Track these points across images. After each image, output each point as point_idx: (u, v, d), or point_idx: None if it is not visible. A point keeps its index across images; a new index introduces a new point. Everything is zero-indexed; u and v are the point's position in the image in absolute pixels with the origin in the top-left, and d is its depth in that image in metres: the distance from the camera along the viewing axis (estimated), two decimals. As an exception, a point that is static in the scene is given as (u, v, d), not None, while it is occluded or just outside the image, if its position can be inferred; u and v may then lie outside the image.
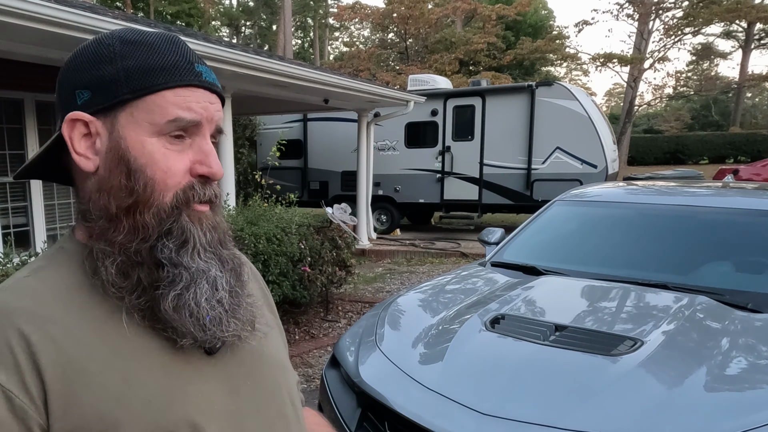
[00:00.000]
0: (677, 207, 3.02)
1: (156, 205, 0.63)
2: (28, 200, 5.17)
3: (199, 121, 0.65)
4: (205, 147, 0.66)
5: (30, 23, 3.40)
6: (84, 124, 0.65)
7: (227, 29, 41.01)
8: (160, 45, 0.66)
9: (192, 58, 0.67)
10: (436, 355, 2.04)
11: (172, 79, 0.64)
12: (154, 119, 0.63)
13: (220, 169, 0.67)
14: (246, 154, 11.91)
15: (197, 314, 0.62)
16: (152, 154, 0.63)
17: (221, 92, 0.70)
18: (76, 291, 0.64)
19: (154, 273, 0.63)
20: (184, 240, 0.64)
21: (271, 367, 0.75)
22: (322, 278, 4.95)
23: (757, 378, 1.78)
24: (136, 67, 0.63)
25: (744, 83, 29.14)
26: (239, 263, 0.71)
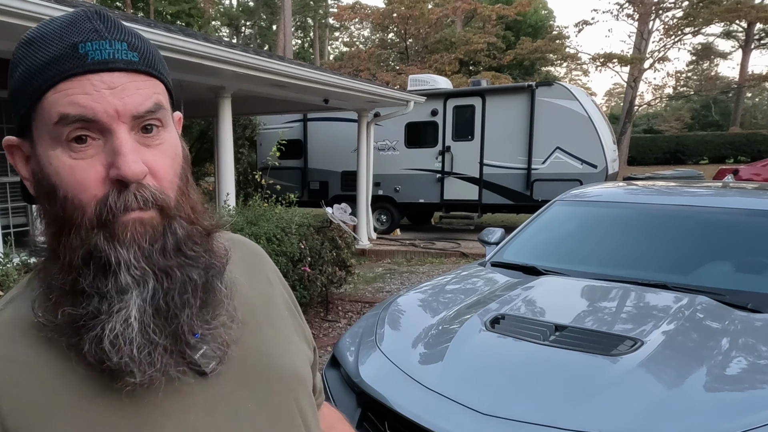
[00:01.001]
0: (677, 207, 3.02)
1: (76, 226, 0.54)
2: (28, 200, 5.16)
3: (90, 117, 0.53)
4: (114, 144, 0.54)
5: (30, 23, 3.39)
6: (18, 148, 0.59)
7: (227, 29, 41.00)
8: (51, 34, 0.55)
9: (78, 37, 0.54)
10: (436, 355, 2.04)
11: (52, 75, 0.53)
12: (48, 127, 0.54)
13: (136, 169, 0.53)
14: (246, 154, 11.93)
15: (116, 351, 0.53)
16: (58, 170, 0.54)
17: (134, 66, 0.56)
18: (39, 327, 0.57)
19: (77, 305, 0.54)
20: (103, 263, 0.54)
21: (278, 382, 0.67)
22: (322, 278, 4.95)
23: (757, 378, 1.78)
24: (26, 72, 0.55)
25: (744, 83, 29.14)
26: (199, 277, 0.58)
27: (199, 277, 0.58)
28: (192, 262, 0.58)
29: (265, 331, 0.69)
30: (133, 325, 0.53)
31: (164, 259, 0.56)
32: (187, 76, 5.10)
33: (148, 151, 0.56)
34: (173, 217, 0.58)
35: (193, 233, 0.59)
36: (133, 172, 0.53)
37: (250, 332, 0.66)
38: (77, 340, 0.54)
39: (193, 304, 0.57)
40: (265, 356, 0.67)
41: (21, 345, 0.56)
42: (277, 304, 0.76)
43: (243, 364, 0.63)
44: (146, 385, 0.55)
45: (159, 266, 0.55)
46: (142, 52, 0.57)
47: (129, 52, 0.56)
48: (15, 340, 0.57)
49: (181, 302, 0.56)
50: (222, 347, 0.60)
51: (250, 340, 0.65)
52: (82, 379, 0.56)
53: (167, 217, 0.57)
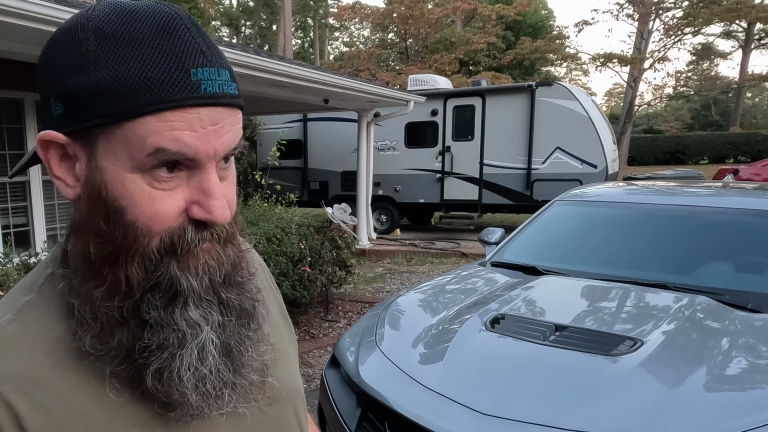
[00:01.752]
0: (677, 207, 3.02)
1: (140, 253, 0.51)
2: (28, 200, 5.16)
3: (192, 156, 0.49)
4: (205, 184, 0.51)
5: (30, 23, 3.40)
6: (59, 146, 0.52)
7: (227, 29, 41.01)
8: (146, 39, 0.48)
9: (189, 60, 0.49)
10: (436, 355, 2.04)
11: (157, 98, 0.47)
12: (132, 152, 0.49)
13: (224, 213, 0.52)
14: (246, 154, 11.92)
15: (183, 388, 0.52)
16: (133, 195, 0.50)
17: (235, 101, 0.52)
18: (65, 344, 0.53)
19: (138, 335, 0.52)
20: (174, 293, 0.52)
21: (284, 400, 0.67)
22: (322, 278, 4.95)
23: (757, 378, 1.79)
24: (110, 82, 0.47)
25: (744, 83, 29.13)
26: (250, 306, 0.57)
27: (250, 306, 0.57)
28: (244, 291, 0.57)
29: (277, 350, 0.68)
30: (210, 362, 0.52)
31: (226, 291, 0.55)
32: (187, 76, 5.09)
33: (224, 185, 0.54)
34: (228, 243, 0.56)
35: (239, 257, 0.57)
36: (224, 218, 0.52)
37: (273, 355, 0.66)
38: (128, 368, 0.52)
39: (252, 338, 0.57)
40: (279, 378, 0.66)
41: (46, 366, 0.52)
42: (274, 314, 0.74)
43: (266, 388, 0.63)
44: (198, 417, 0.54)
45: (223, 299, 0.54)
46: (236, 81, 0.54)
47: (231, 83, 0.52)
48: (40, 362, 0.52)
49: (241, 337, 0.56)
50: (261, 374, 0.60)
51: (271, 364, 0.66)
52: (114, 406, 0.53)
53: (224, 244, 0.55)
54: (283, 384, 0.66)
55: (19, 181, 5.08)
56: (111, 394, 0.53)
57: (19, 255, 3.55)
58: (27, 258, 3.49)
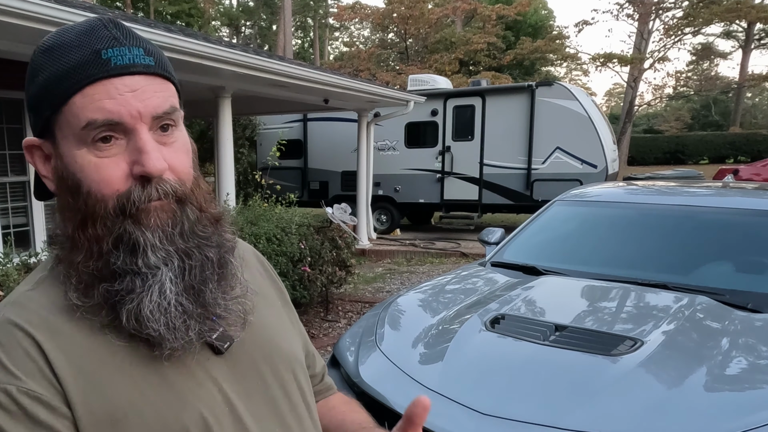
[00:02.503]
0: (677, 207, 3.02)
1: (101, 217, 0.60)
2: (28, 200, 5.17)
3: (117, 120, 0.59)
4: (138, 144, 0.59)
5: (30, 23, 3.40)
6: (38, 148, 0.64)
7: (227, 29, 41.00)
8: (71, 42, 0.60)
9: (100, 44, 0.59)
10: (436, 355, 2.04)
11: (78, 79, 0.58)
12: (73, 130, 0.60)
13: (158, 165, 0.60)
14: (246, 154, 11.92)
15: (156, 322, 0.59)
16: (83, 168, 0.60)
17: (151, 69, 0.62)
18: (73, 307, 0.62)
19: (112, 284, 0.60)
20: (133, 244, 0.60)
21: (282, 362, 0.73)
22: (322, 278, 4.95)
23: (757, 378, 1.79)
24: (49, 78, 0.60)
25: (744, 83, 29.12)
26: (214, 255, 0.65)
27: (215, 254, 0.65)
28: (206, 242, 0.65)
29: (264, 315, 0.74)
30: (169, 296, 0.60)
31: (183, 241, 0.63)
32: (187, 76, 5.10)
33: (166, 148, 0.62)
34: (186, 204, 0.64)
35: (202, 218, 0.66)
36: (156, 168, 0.60)
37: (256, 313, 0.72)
38: (112, 318, 0.61)
39: (213, 279, 0.65)
40: (268, 338, 0.73)
41: (61, 320, 0.61)
42: (271, 294, 0.82)
43: (251, 345, 0.69)
44: (180, 353, 0.61)
45: (180, 248, 0.62)
46: (156, 56, 0.63)
47: (146, 56, 0.62)
48: (55, 316, 0.61)
49: (202, 278, 0.64)
50: (241, 316, 0.68)
51: (255, 321, 0.71)
52: (119, 350, 0.61)
53: (182, 204, 0.64)
54: (282, 348, 0.74)
55: (19, 181, 5.08)
56: (112, 339, 0.61)
57: (19, 255, 3.55)
58: (27, 258, 3.48)
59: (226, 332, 0.66)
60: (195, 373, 0.63)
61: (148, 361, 0.61)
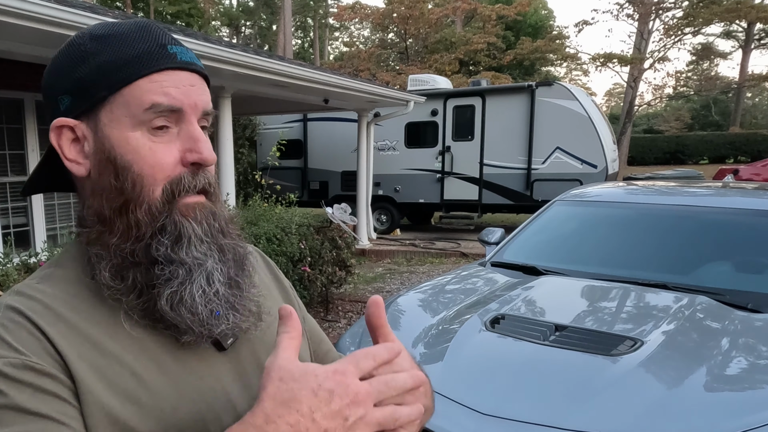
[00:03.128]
0: (677, 207, 3.02)
1: (147, 202, 0.62)
2: (28, 200, 5.16)
3: (179, 107, 0.62)
4: (193, 133, 0.63)
5: (30, 23, 3.40)
6: (70, 130, 0.64)
7: (227, 29, 41.00)
8: (131, 34, 0.63)
9: (164, 40, 0.64)
10: (436, 355, 2.04)
11: (146, 66, 0.61)
12: (132, 111, 0.61)
13: (212, 155, 0.64)
14: (246, 154, 11.91)
15: (194, 309, 0.61)
16: (137, 150, 0.61)
17: (202, 70, 0.67)
18: (81, 296, 0.63)
19: (151, 272, 0.62)
20: (179, 235, 0.62)
21: None
22: (322, 278, 4.95)
23: (757, 378, 1.79)
24: (109, 62, 0.62)
25: (744, 83, 29.12)
26: (242, 253, 0.69)
27: (242, 252, 0.69)
28: (235, 241, 0.69)
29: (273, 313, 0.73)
30: (216, 285, 0.63)
31: (221, 237, 0.66)
32: (187, 76, 5.09)
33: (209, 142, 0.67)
34: (216, 202, 0.68)
35: (229, 216, 0.69)
36: (212, 156, 0.64)
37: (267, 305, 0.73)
38: (141, 302, 0.62)
39: (246, 275, 0.68)
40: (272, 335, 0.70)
41: (66, 309, 0.62)
42: (275, 294, 0.82)
43: (257, 343, 0.70)
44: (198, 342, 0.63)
45: (218, 243, 0.65)
46: (200, 62, 0.69)
47: (198, 60, 0.68)
48: (60, 305, 0.62)
49: (238, 272, 0.67)
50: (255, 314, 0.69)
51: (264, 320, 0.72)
52: (126, 339, 0.62)
53: (214, 200, 0.67)
54: None
55: (19, 181, 5.08)
56: (125, 325, 0.62)
57: (19, 255, 3.55)
58: (27, 258, 3.48)
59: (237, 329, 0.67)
60: (196, 369, 0.64)
61: (153, 354, 0.62)
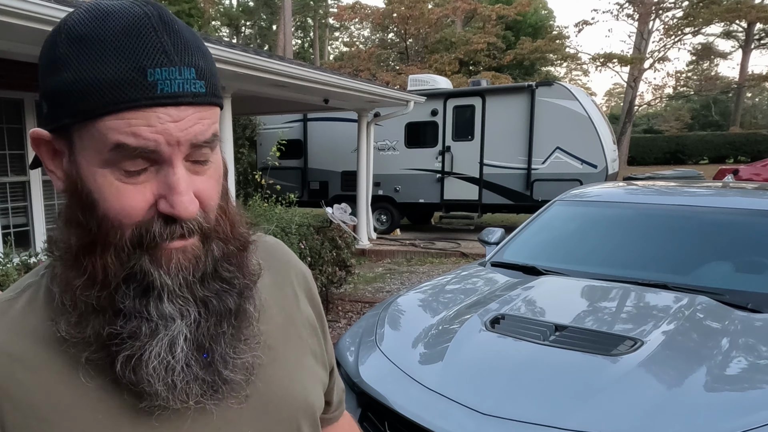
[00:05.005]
0: (677, 207, 3.02)
1: (114, 246, 0.52)
2: (28, 200, 5.17)
3: (152, 149, 0.50)
4: (170, 179, 0.51)
5: (30, 23, 3.40)
6: (48, 141, 0.55)
7: (227, 29, 41.00)
8: (112, 41, 0.49)
9: (147, 60, 0.49)
10: (436, 355, 2.04)
11: (112, 100, 0.49)
12: (98, 148, 0.51)
13: (188, 208, 0.52)
14: (246, 154, 11.92)
15: (150, 378, 0.53)
16: (102, 189, 0.51)
17: (200, 100, 0.52)
18: (46, 328, 0.56)
19: (112, 324, 0.53)
20: (147, 286, 0.53)
21: (284, 411, 0.65)
22: (322, 278, 4.95)
23: (757, 378, 1.78)
24: (74, 83, 0.49)
25: (744, 83, 29.13)
26: (234, 303, 0.58)
27: (234, 304, 0.58)
28: (227, 287, 0.57)
29: (280, 355, 0.67)
30: (179, 355, 0.53)
31: (203, 289, 0.56)
32: (187, 76, 5.09)
33: (198, 178, 0.54)
34: (211, 238, 0.57)
35: (228, 252, 0.58)
36: (188, 212, 0.52)
37: (266, 363, 0.64)
38: (101, 356, 0.54)
39: (227, 334, 0.57)
40: (275, 388, 0.65)
41: (26, 343, 0.56)
42: (299, 323, 0.73)
43: (253, 396, 0.62)
44: (168, 412, 0.55)
45: (199, 296, 0.55)
46: (208, 77, 0.53)
47: (197, 81, 0.52)
48: (21, 338, 0.56)
49: (216, 333, 0.56)
50: (246, 374, 0.60)
51: (262, 371, 0.63)
52: (86, 390, 0.55)
53: (206, 239, 0.56)
54: (291, 395, 0.66)
55: (19, 181, 5.08)
56: (83, 380, 0.54)
57: (19, 255, 3.55)
58: (27, 258, 3.49)
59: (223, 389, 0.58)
60: (179, 424, 0.57)
61: (119, 409, 0.55)
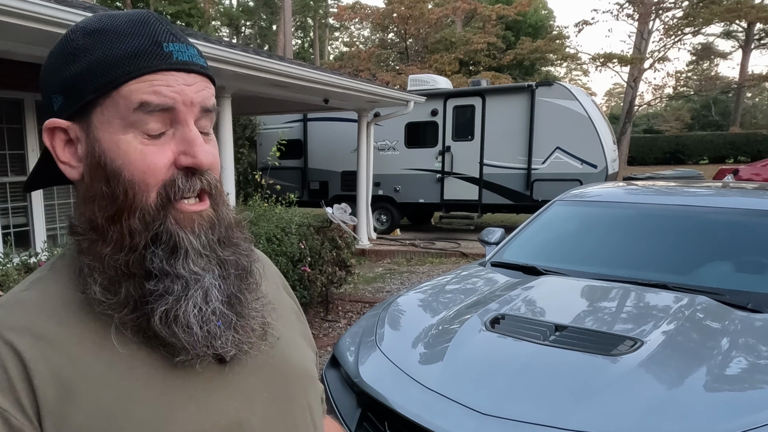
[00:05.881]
0: (677, 207, 3.02)
1: (140, 209, 0.57)
2: (28, 200, 5.16)
3: (171, 105, 0.57)
4: (187, 135, 0.59)
5: (30, 23, 3.39)
6: (63, 131, 0.60)
7: (227, 29, 41.00)
8: (125, 29, 0.58)
9: (161, 37, 0.59)
10: (436, 355, 2.04)
11: (136, 67, 0.57)
12: (121, 113, 0.57)
13: (208, 158, 0.59)
14: (246, 154, 11.91)
15: (190, 328, 0.57)
16: (128, 154, 0.57)
17: (204, 71, 0.62)
18: (71, 306, 0.60)
19: (144, 285, 0.57)
20: (174, 246, 0.58)
21: (292, 377, 0.70)
22: (322, 278, 4.95)
23: (757, 378, 1.78)
24: (98, 61, 0.57)
25: (744, 83, 29.11)
26: (246, 265, 0.64)
27: (246, 263, 0.64)
28: (240, 250, 0.64)
29: (279, 328, 0.71)
30: (214, 303, 0.59)
31: (221, 249, 0.62)
32: (187, 76, 5.09)
33: (207, 145, 0.61)
34: (220, 204, 0.63)
35: (234, 218, 0.65)
36: (208, 160, 0.59)
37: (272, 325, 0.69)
38: (134, 317, 0.58)
39: (248, 288, 0.64)
40: (280, 352, 0.69)
41: (51, 323, 0.58)
42: (285, 306, 0.79)
43: (260, 357, 0.66)
44: (196, 361, 0.59)
45: (219, 256, 0.61)
46: (203, 57, 0.63)
47: (200, 58, 0.62)
48: (45, 319, 0.59)
49: (240, 290, 0.63)
50: (261, 328, 0.65)
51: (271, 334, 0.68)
52: (118, 358, 0.58)
53: (217, 204, 0.62)
54: (295, 365, 0.71)
55: (19, 181, 5.08)
56: (115, 343, 0.58)
57: (19, 255, 3.55)
58: (27, 258, 3.49)
59: (242, 343, 0.63)
60: (192, 392, 0.60)
61: (150, 369, 0.59)
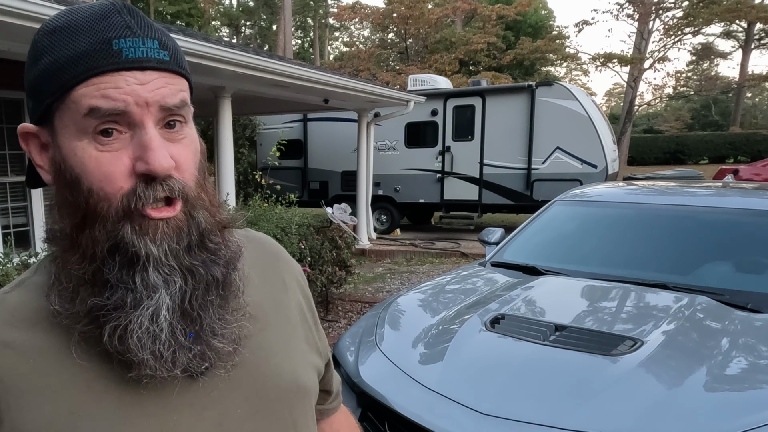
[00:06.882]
0: (677, 207, 3.02)
1: (101, 217, 0.54)
2: (28, 200, 5.17)
3: (122, 109, 0.53)
4: (143, 139, 0.54)
5: (30, 23, 3.39)
6: (35, 135, 0.59)
7: (227, 29, 41.00)
8: (81, 26, 0.55)
9: (112, 33, 0.54)
10: (436, 355, 2.04)
11: (83, 69, 0.53)
12: (74, 118, 0.54)
13: (163, 162, 0.54)
14: (246, 154, 11.92)
15: (140, 344, 0.54)
16: (83, 162, 0.54)
17: (163, 65, 0.56)
18: (41, 314, 0.58)
19: (101, 295, 0.54)
20: (132, 256, 0.54)
21: (276, 392, 0.65)
22: (322, 278, 4.95)
23: (757, 378, 1.78)
24: (52, 64, 0.55)
25: (744, 83, 29.11)
26: (219, 273, 0.59)
27: (220, 273, 0.59)
28: (214, 257, 0.59)
29: (268, 335, 0.67)
30: (162, 324, 0.54)
31: (190, 258, 0.57)
32: (187, 76, 5.10)
33: (173, 145, 0.57)
34: (195, 208, 0.58)
35: (212, 224, 0.60)
36: (162, 167, 0.54)
37: (253, 335, 0.64)
38: (92, 329, 0.55)
39: (214, 304, 0.59)
40: (264, 362, 0.65)
41: (20, 330, 0.58)
42: (288, 308, 0.73)
43: (239, 371, 0.62)
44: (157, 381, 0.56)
45: (185, 265, 0.57)
46: (172, 50, 0.58)
47: (160, 50, 0.57)
48: (15, 326, 0.58)
49: (203, 302, 0.58)
50: (234, 344, 0.60)
51: (250, 343, 0.64)
52: (78, 369, 0.56)
53: (190, 208, 0.58)
54: (280, 375, 0.66)
55: (19, 181, 5.08)
56: (74, 354, 0.56)
57: (19, 255, 3.55)
58: (27, 258, 3.49)
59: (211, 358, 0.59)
60: (143, 404, 0.57)
61: (107, 382, 0.56)
